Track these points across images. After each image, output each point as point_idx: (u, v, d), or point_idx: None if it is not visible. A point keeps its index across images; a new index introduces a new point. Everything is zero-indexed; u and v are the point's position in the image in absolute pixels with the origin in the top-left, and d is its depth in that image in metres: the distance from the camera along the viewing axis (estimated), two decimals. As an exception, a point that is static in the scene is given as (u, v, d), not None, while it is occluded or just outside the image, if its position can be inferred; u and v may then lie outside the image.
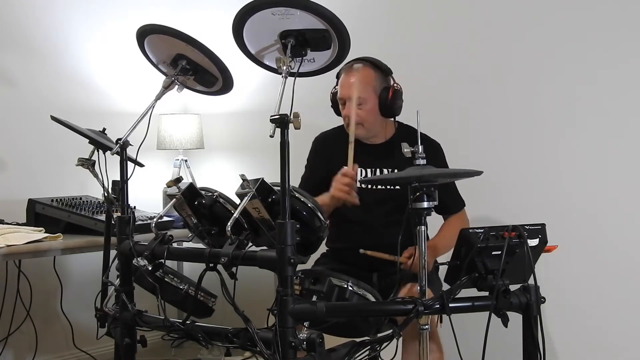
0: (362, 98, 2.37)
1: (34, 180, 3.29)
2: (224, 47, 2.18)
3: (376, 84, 2.41)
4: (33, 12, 3.33)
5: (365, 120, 2.40)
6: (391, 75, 2.44)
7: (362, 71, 2.40)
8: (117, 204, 2.34)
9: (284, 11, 1.87)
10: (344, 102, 2.41)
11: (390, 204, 2.41)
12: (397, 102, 2.41)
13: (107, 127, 2.51)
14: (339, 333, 1.97)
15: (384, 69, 2.43)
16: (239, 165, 3.87)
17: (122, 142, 2.22)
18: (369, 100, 2.39)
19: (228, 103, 3.77)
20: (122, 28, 3.43)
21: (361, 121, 2.39)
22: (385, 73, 2.43)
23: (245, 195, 1.81)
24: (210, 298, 2.15)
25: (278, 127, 1.72)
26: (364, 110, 2.39)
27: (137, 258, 2.02)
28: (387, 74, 2.44)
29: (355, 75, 2.39)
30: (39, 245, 2.67)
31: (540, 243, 1.81)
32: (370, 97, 2.39)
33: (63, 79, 3.44)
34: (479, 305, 1.77)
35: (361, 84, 2.38)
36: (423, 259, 1.80)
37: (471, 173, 1.91)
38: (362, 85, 2.38)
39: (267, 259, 1.79)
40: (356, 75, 2.39)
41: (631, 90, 2.63)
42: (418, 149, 1.84)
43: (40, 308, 3.28)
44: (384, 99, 2.39)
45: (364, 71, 2.40)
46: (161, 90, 2.27)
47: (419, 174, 1.79)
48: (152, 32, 2.23)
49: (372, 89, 2.40)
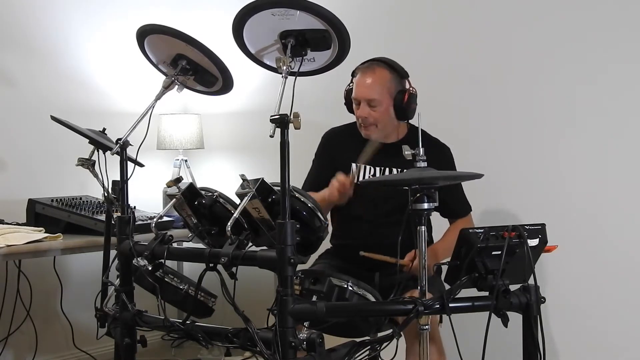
0: (377, 100, 2.38)
1: (34, 180, 3.29)
2: (224, 47, 2.18)
3: (391, 85, 2.40)
4: (33, 12, 3.33)
5: (379, 121, 2.41)
6: (407, 78, 2.44)
7: (378, 72, 2.40)
8: (117, 204, 2.34)
9: (284, 11, 1.87)
10: (358, 102, 2.41)
11: (392, 203, 2.41)
12: (411, 106, 2.41)
13: (107, 127, 2.52)
14: (339, 333, 1.97)
15: (400, 72, 2.43)
16: (239, 165, 3.87)
17: (122, 142, 2.22)
18: (383, 102, 2.39)
19: (228, 103, 3.77)
20: (122, 28, 3.43)
21: (375, 122, 2.41)
22: (401, 76, 2.43)
23: (245, 195, 1.81)
24: (210, 298, 2.15)
25: (278, 127, 1.72)
26: (378, 112, 2.39)
27: (137, 258, 2.02)
28: (403, 77, 2.43)
29: (372, 76, 2.40)
30: (39, 245, 2.67)
31: (540, 243, 1.81)
32: (384, 99, 2.39)
33: (63, 79, 3.44)
34: (479, 305, 1.77)
35: (376, 85, 2.38)
36: (423, 259, 1.80)
37: (471, 176, 1.91)
38: (378, 86, 2.38)
39: (267, 259, 1.79)
40: (372, 77, 2.39)
41: (631, 90, 2.63)
42: (419, 151, 1.84)
43: (40, 308, 3.29)
44: (399, 102, 2.39)
45: (380, 72, 2.40)
46: (161, 90, 2.27)
47: (418, 176, 1.79)
48: (152, 32, 2.23)
49: (386, 90, 2.39)
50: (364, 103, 2.39)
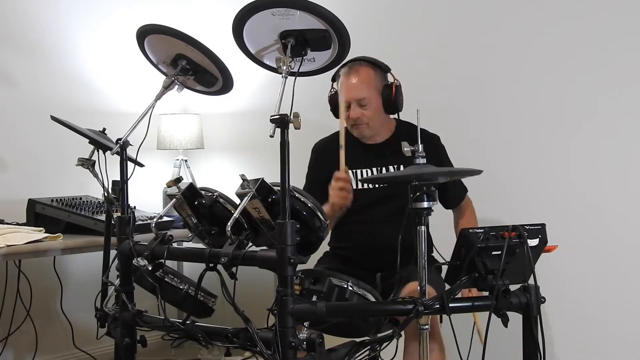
0: (367, 99, 2.39)
1: (34, 180, 3.29)
2: (224, 47, 2.18)
3: (377, 82, 2.42)
4: (33, 12, 3.33)
5: (371, 119, 2.42)
6: (389, 72, 2.45)
7: (363, 72, 2.41)
8: (117, 204, 2.34)
9: (284, 11, 1.87)
10: (348, 104, 2.41)
11: (391, 204, 2.41)
12: (399, 98, 2.43)
13: (107, 127, 2.52)
14: (339, 333, 1.97)
15: (382, 67, 2.44)
16: (239, 165, 3.87)
17: (122, 142, 2.22)
18: (372, 100, 2.40)
19: (228, 103, 3.77)
20: (123, 28, 3.42)
21: (367, 121, 2.41)
22: (384, 70, 2.44)
23: (245, 195, 1.81)
24: (210, 298, 2.15)
25: (278, 127, 1.72)
26: (370, 110, 2.40)
27: (137, 258, 2.02)
28: (385, 71, 2.45)
29: (357, 76, 2.40)
30: (39, 245, 2.67)
31: (540, 243, 1.81)
32: (373, 97, 2.40)
33: (63, 79, 3.44)
34: (479, 305, 1.77)
35: (363, 84, 2.39)
36: (423, 259, 1.80)
37: (471, 172, 1.91)
38: (365, 85, 2.39)
39: (267, 259, 1.79)
40: (357, 77, 2.39)
41: (632, 90, 2.63)
42: (418, 148, 1.84)
43: (40, 308, 3.28)
44: (387, 97, 2.41)
45: (365, 72, 2.41)
46: (161, 90, 2.27)
47: (418, 173, 1.80)
48: (152, 32, 2.23)
49: (374, 87, 2.41)
50: (354, 104, 2.39)
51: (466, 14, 3.04)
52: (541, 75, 2.83)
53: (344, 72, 2.42)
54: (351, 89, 2.40)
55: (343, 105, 2.40)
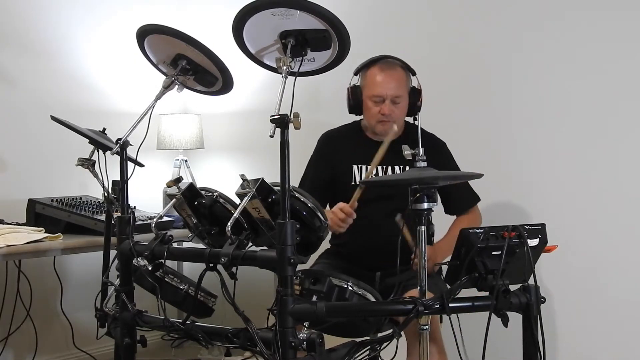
0: (402, 97, 2.40)
1: (34, 180, 3.29)
2: (224, 47, 2.18)
3: (408, 83, 2.44)
4: (34, 12, 3.33)
5: (399, 117, 2.42)
6: (415, 75, 2.46)
7: (399, 70, 2.42)
8: (117, 204, 2.34)
9: (284, 11, 1.87)
10: (381, 99, 2.40)
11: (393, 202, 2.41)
12: (419, 103, 2.44)
13: (107, 127, 2.52)
14: (339, 333, 1.97)
15: (410, 69, 2.45)
16: (239, 165, 3.87)
17: (122, 142, 2.22)
18: (404, 99, 2.41)
19: (228, 103, 3.77)
20: (123, 28, 3.42)
21: (396, 118, 2.41)
22: (412, 73, 2.46)
23: (245, 195, 1.81)
24: (210, 298, 2.15)
25: (278, 127, 1.72)
26: (399, 108, 2.41)
27: (137, 258, 2.02)
28: (413, 74, 2.46)
29: (395, 73, 2.41)
30: (39, 245, 2.67)
31: (540, 243, 1.81)
32: (404, 96, 2.42)
33: (63, 79, 3.44)
34: (479, 305, 1.77)
35: (401, 82, 2.41)
36: (423, 259, 1.80)
37: (471, 176, 1.91)
38: (401, 83, 2.41)
39: (267, 259, 1.79)
40: (395, 74, 2.41)
41: (632, 90, 2.63)
42: (419, 151, 1.84)
43: (40, 308, 3.28)
44: (414, 99, 2.42)
45: (400, 70, 2.42)
46: (161, 90, 2.27)
47: (418, 177, 1.80)
48: (152, 32, 2.23)
49: (406, 87, 2.43)
50: (389, 100, 2.39)
51: (469, 14, 3.03)
52: (541, 75, 2.83)
53: (380, 67, 2.41)
54: (389, 84, 2.39)
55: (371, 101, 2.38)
